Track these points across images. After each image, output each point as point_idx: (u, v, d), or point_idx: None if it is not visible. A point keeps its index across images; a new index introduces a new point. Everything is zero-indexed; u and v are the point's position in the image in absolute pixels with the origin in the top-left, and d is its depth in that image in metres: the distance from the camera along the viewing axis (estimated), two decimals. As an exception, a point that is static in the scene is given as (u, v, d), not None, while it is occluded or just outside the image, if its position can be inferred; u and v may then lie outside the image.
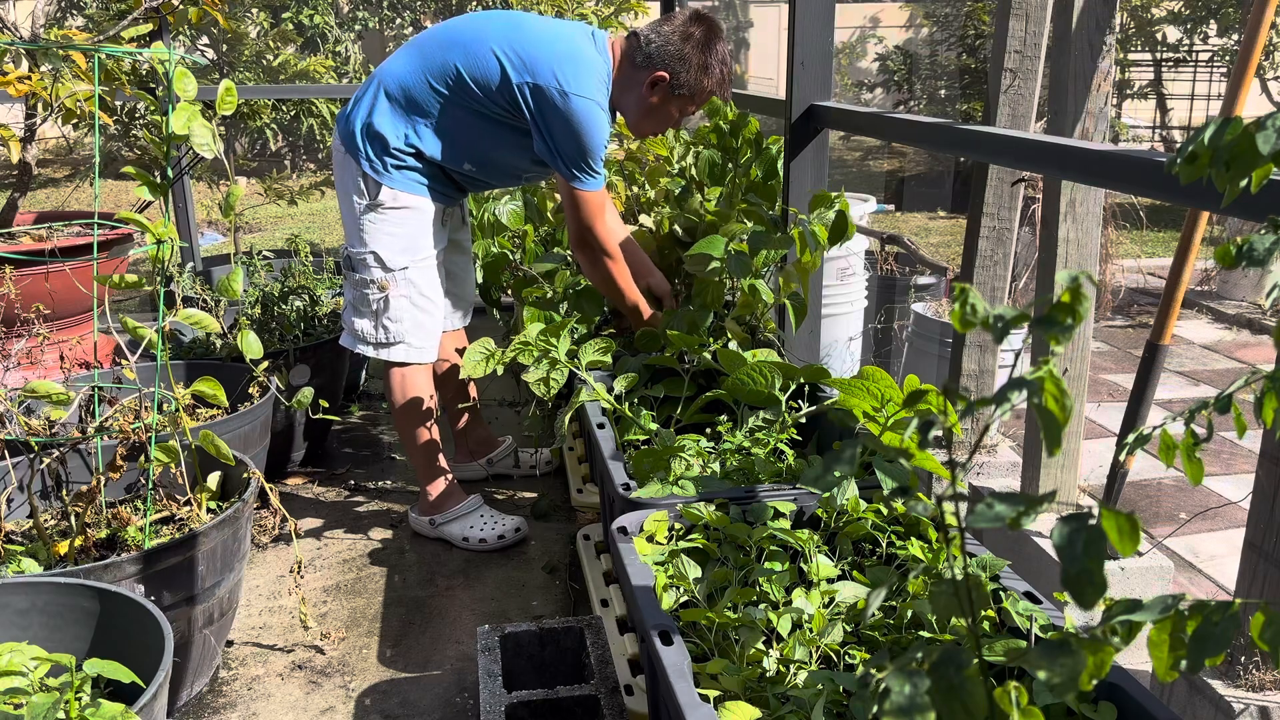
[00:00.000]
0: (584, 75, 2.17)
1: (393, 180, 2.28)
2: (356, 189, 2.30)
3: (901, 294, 4.62)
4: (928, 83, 10.34)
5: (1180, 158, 0.76)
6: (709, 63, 2.23)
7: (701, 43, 2.22)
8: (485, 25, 2.25)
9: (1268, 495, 1.93)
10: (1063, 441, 0.61)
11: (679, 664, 1.13)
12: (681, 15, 2.28)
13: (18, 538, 1.89)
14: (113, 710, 1.24)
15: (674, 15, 2.29)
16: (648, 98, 2.25)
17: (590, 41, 2.24)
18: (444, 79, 2.23)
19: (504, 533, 2.47)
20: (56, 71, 2.92)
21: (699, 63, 2.22)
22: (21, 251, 3.09)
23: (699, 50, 2.21)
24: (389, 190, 2.28)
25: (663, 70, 2.22)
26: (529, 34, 2.21)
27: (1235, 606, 0.66)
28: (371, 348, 2.38)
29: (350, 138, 2.30)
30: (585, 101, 2.16)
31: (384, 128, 2.26)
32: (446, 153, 2.29)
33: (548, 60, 2.16)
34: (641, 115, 2.30)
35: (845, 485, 1.44)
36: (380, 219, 2.30)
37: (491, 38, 2.21)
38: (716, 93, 2.29)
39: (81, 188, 8.57)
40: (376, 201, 2.28)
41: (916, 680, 0.62)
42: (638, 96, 2.26)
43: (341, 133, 2.34)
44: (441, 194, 2.36)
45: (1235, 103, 2.41)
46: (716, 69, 2.24)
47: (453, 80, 2.22)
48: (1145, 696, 1.06)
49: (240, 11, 8.71)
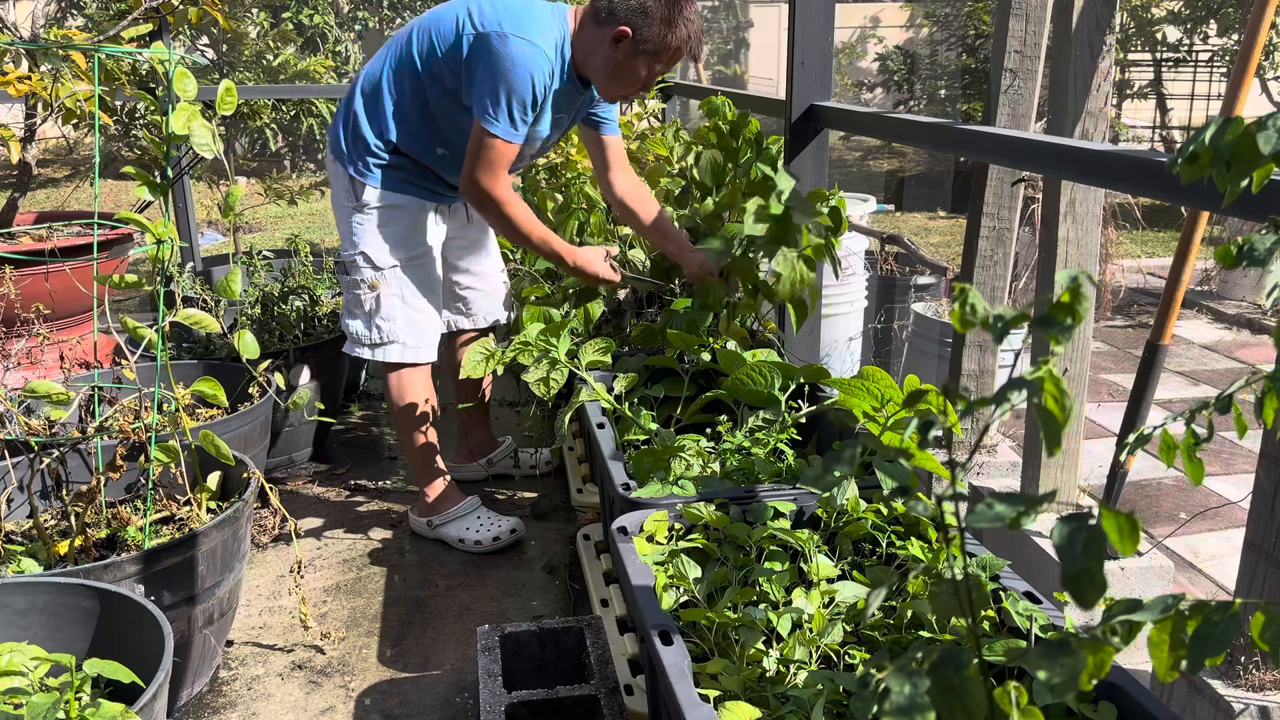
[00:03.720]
0: (527, 22, 2.12)
1: (376, 180, 2.29)
2: (345, 192, 2.33)
3: (901, 294, 4.62)
4: (928, 83, 10.34)
5: (1181, 158, 0.76)
6: (672, 16, 2.11)
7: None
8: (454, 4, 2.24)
9: (1268, 495, 1.93)
10: (1063, 441, 0.61)
11: (679, 664, 1.13)
12: None
13: (18, 538, 1.89)
14: (113, 710, 1.24)
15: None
16: (612, 56, 2.16)
17: (547, 7, 2.21)
18: (407, 65, 2.24)
19: (500, 534, 2.47)
20: (56, 71, 2.92)
21: (662, 16, 2.10)
22: (21, 251, 3.09)
23: (663, 3, 2.11)
24: (373, 190, 2.29)
25: (625, 24, 2.13)
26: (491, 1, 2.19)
27: (1235, 606, 0.66)
28: (367, 349, 2.39)
29: (336, 143, 2.34)
30: (522, 42, 2.10)
31: (363, 128, 2.29)
32: (416, 141, 2.29)
33: (496, 15, 2.14)
34: (608, 75, 2.21)
35: (845, 485, 1.44)
36: (367, 219, 2.31)
37: (459, 8, 2.19)
38: (684, 49, 2.16)
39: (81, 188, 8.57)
40: (362, 202, 2.30)
41: (916, 680, 0.62)
42: (602, 56, 2.17)
43: (330, 140, 2.39)
44: (430, 191, 2.36)
45: (1235, 103, 2.41)
46: (681, 25, 2.12)
47: (412, 62, 2.23)
48: (1145, 696, 1.06)
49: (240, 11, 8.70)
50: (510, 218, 2.25)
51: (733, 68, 14.21)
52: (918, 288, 4.65)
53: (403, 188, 2.32)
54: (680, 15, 2.13)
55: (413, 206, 2.34)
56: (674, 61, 2.21)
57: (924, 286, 4.67)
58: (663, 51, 2.16)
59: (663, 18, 2.12)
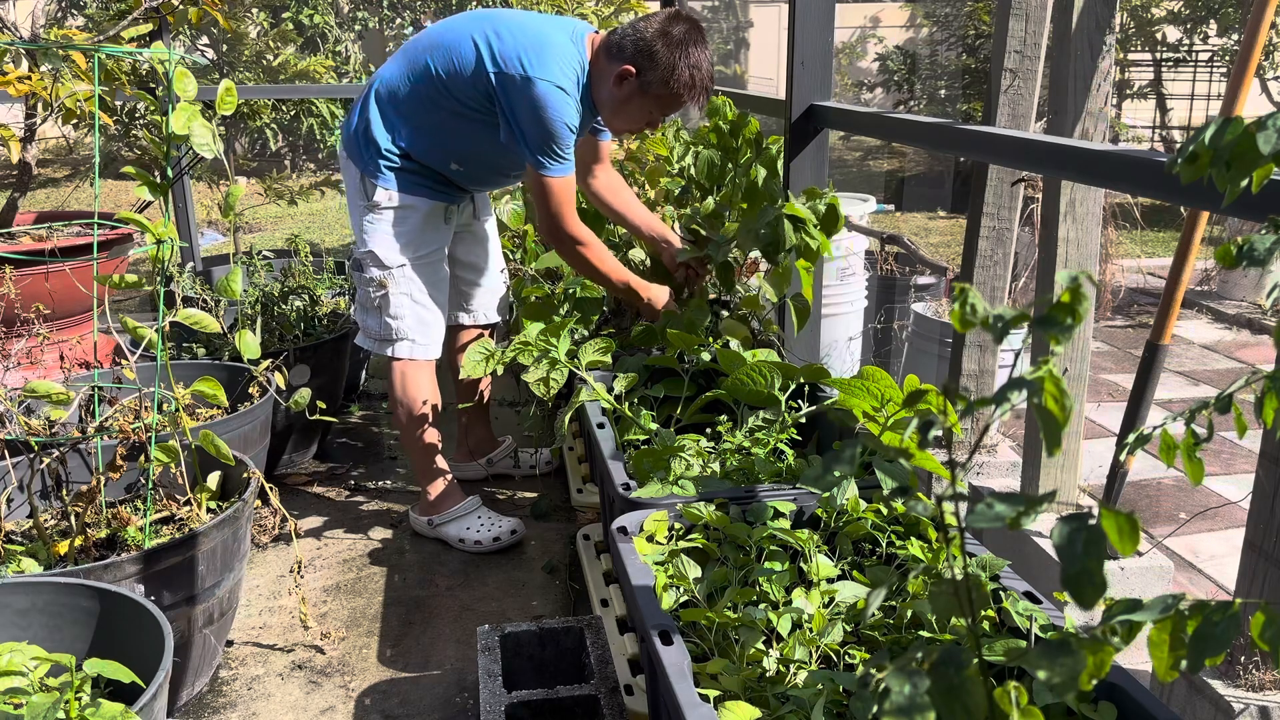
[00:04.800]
0: (548, 61, 2.14)
1: (388, 181, 2.31)
2: (359, 192, 2.35)
3: (901, 294, 4.62)
4: (928, 83, 10.33)
5: (1181, 158, 0.76)
6: (676, 63, 2.13)
7: (677, 42, 2.14)
8: (468, 21, 2.26)
9: (1268, 495, 1.93)
10: (1063, 441, 0.61)
11: (679, 664, 1.13)
12: (666, 13, 2.21)
13: (18, 538, 1.89)
14: (113, 710, 1.24)
15: (660, 12, 2.23)
16: (616, 93, 2.20)
17: (565, 34, 2.22)
18: (424, 81, 2.25)
19: (500, 534, 2.47)
20: (56, 71, 2.92)
21: (667, 62, 2.13)
22: (21, 251, 3.09)
23: (671, 49, 2.13)
24: (384, 191, 2.31)
25: (630, 64, 2.16)
26: (507, 26, 2.20)
27: (1235, 606, 0.66)
28: (377, 344, 2.42)
29: (350, 143, 2.37)
30: (547, 85, 2.12)
31: (376, 132, 2.30)
32: (431, 154, 2.32)
33: (515, 49, 2.15)
34: (612, 110, 2.25)
35: (845, 485, 1.44)
36: (378, 219, 2.33)
37: (474, 29, 2.21)
38: (685, 96, 2.18)
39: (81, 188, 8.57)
40: (373, 202, 2.32)
41: (916, 680, 0.62)
42: (608, 91, 2.21)
43: (344, 138, 2.41)
44: (440, 192, 2.38)
45: (1235, 103, 2.41)
46: (686, 71, 2.14)
47: (432, 81, 2.24)
48: (1145, 696, 1.06)
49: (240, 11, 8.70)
50: (590, 259, 2.32)
51: (733, 68, 14.20)
52: (918, 288, 4.65)
53: (414, 189, 2.33)
54: (687, 62, 2.14)
55: (423, 207, 2.35)
56: (677, 107, 2.23)
57: (924, 286, 4.66)
58: (664, 97, 2.18)
59: (668, 63, 2.14)
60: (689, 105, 2.23)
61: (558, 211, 2.26)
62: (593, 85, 2.23)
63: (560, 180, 2.22)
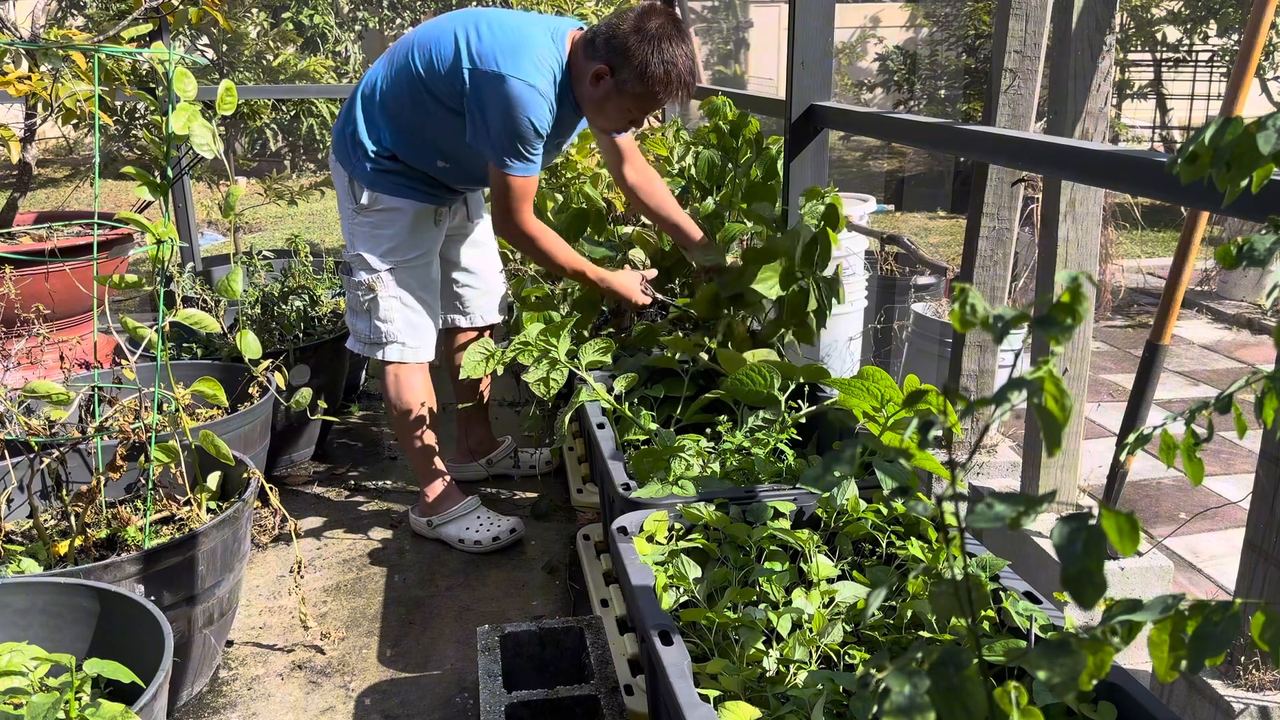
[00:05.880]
0: (524, 59, 2.11)
1: (375, 184, 2.30)
2: (347, 195, 2.35)
3: (901, 294, 4.61)
4: (928, 83, 10.33)
5: (1181, 158, 0.76)
6: (649, 59, 2.05)
7: (651, 37, 2.06)
8: (452, 19, 2.24)
9: (1268, 495, 1.93)
10: (1063, 441, 0.61)
11: (679, 664, 1.13)
12: (642, 7, 2.13)
13: (18, 538, 1.89)
14: (113, 710, 1.24)
15: (636, 9, 2.14)
16: (594, 91, 2.15)
17: (546, 32, 2.17)
18: (406, 79, 2.24)
19: (499, 534, 2.47)
20: (56, 71, 2.92)
21: (641, 59, 2.05)
22: (21, 251, 3.09)
23: (645, 45, 2.05)
24: (371, 194, 2.31)
25: (604, 62, 2.10)
26: (488, 24, 2.18)
27: (1235, 606, 0.66)
28: (368, 348, 2.41)
29: (339, 146, 2.36)
30: (519, 83, 2.09)
31: (362, 134, 2.30)
32: (417, 153, 2.30)
33: (493, 47, 2.13)
34: (591, 109, 2.21)
35: (845, 485, 1.44)
36: (366, 222, 2.33)
37: (456, 26, 2.19)
38: (662, 94, 2.10)
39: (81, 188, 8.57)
40: (361, 205, 2.32)
41: (916, 680, 0.62)
42: (586, 89, 2.16)
43: (334, 142, 2.41)
44: (429, 194, 2.37)
45: (1235, 103, 2.41)
46: (660, 68, 2.06)
47: (413, 80, 2.23)
48: (1145, 696, 1.06)
49: (240, 11, 8.70)
50: (544, 250, 2.29)
51: (733, 68, 14.20)
52: (918, 288, 4.64)
53: (401, 191, 2.32)
54: (661, 58, 2.06)
55: (412, 209, 2.34)
56: (655, 105, 2.16)
57: (924, 286, 4.66)
58: (642, 94, 2.11)
59: (641, 60, 2.06)
60: (669, 102, 2.16)
61: (515, 208, 2.22)
62: (574, 84, 2.19)
63: (522, 180, 2.19)
